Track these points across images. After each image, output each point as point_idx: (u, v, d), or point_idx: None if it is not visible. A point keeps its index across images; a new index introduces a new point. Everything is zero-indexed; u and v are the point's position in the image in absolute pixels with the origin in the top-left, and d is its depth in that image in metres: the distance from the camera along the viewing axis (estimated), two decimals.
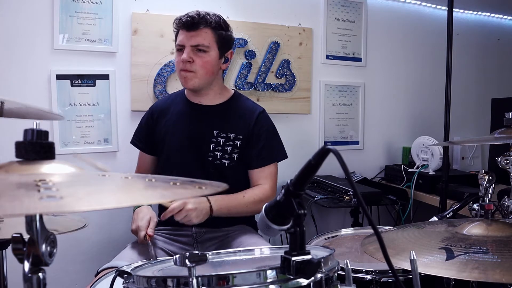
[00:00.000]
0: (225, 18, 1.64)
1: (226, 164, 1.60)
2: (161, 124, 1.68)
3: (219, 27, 1.58)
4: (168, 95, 1.96)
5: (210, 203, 1.47)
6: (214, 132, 1.61)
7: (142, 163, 1.77)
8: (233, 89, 1.79)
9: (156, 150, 1.71)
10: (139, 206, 1.57)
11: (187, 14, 1.56)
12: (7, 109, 0.94)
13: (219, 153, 1.59)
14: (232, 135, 1.61)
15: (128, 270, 0.75)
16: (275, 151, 1.67)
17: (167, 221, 1.65)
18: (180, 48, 1.57)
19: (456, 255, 0.80)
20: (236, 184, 1.55)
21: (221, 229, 1.62)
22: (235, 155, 1.61)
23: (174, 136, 1.64)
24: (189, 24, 1.53)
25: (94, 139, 2.01)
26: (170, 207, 1.41)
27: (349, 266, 0.77)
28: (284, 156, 1.70)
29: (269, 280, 0.65)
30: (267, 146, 1.64)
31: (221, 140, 1.61)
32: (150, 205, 1.61)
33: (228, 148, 1.61)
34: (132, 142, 1.77)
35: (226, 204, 1.52)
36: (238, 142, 1.61)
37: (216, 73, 1.62)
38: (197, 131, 1.61)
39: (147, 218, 1.49)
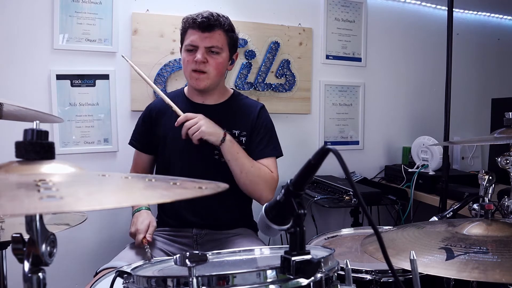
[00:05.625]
0: None
1: None
2: (161, 124, 1.66)
3: (231, 29, 1.58)
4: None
5: (225, 133, 1.52)
6: None
7: (139, 162, 1.75)
8: (232, 88, 1.78)
9: (155, 149, 1.70)
10: (138, 210, 1.58)
11: (200, 14, 1.53)
12: (6, 111, 0.94)
13: None
14: (236, 132, 1.61)
15: (128, 270, 0.74)
16: (273, 146, 1.66)
17: (168, 222, 1.66)
18: (192, 49, 1.54)
19: (456, 255, 0.80)
20: None
21: (222, 231, 1.61)
22: None
23: (177, 136, 1.61)
24: (205, 25, 1.51)
25: (94, 139, 2.01)
26: (183, 115, 1.50)
27: (349, 266, 0.77)
28: (280, 153, 1.68)
29: (269, 280, 0.65)
30: (266, 140, 1.64)
31: None
32: (149, 209, 1.61)
33: None
34: (130, 143, 1.75)
35: (237, 148, 1.54)
36: (243, 139, 1.61)
37: (225, 74, 1.63)
38: None
39: (146, 222, 1.50)
